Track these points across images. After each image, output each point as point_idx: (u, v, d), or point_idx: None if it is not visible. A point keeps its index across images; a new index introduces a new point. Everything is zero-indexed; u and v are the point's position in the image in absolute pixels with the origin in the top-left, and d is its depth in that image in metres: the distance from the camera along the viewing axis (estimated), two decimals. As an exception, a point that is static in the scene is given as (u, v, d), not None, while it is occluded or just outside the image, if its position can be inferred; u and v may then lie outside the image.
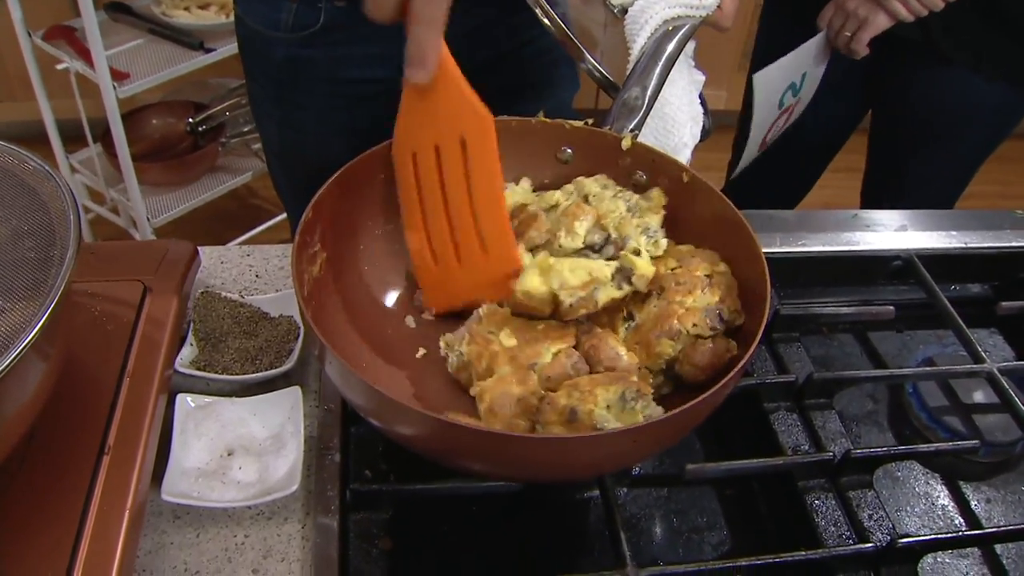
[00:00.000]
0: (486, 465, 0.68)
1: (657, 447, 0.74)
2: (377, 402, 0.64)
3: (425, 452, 0.69)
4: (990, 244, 1.14)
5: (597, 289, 0.76)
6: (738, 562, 0.74)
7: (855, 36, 1.38)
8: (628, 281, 0.77)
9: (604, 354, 0.74)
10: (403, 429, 0.66)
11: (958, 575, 0.82)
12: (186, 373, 0.83)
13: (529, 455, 0.63)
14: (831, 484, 0.82)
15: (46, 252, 0.65)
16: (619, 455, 0.67)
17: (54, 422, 0.69)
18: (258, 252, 1.01)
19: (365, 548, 0.73)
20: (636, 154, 0.87)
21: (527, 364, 0.73)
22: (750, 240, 0.77)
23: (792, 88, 1.48)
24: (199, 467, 0.76)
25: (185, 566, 0.72)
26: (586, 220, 0.81)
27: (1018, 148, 1.64)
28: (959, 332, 0.98)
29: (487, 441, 0.63)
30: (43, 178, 0.69)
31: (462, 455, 0.66)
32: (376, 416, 0.67)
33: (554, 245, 0.80)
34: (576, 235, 0.80)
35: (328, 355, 0.64)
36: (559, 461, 0.64)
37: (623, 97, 0.89)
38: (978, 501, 0.89)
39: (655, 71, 0.90)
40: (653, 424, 0.64)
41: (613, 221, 0.82)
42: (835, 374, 0.91)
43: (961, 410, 0.95)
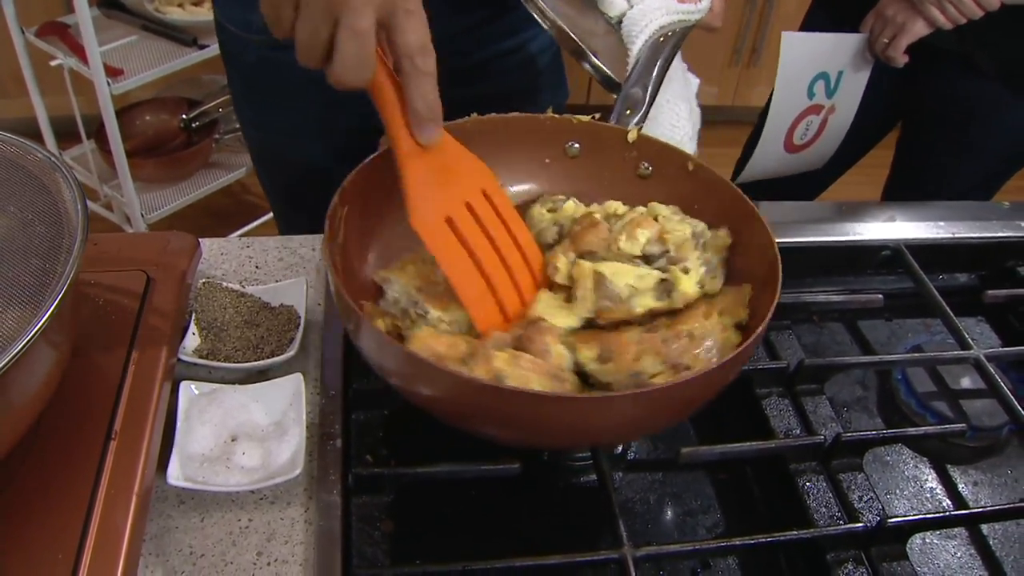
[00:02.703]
0: (487, 421, 0.69)
1: (668, 416, 0.73)
2: (416, 367, 0.66)
3: (447, 411, 0.70)
4: (977, 234, 1.16)
5: (634, 296, 0.77)
6: (732, 542, 0.76)
7: (892, 43, 1.38)
8: (668, 295, 0.78)
9: (537, 346, 0.73)
10: (430, 389, 0.68)
11: (946, 556, 0.84)
12: (189, 361, 0.84)
13: (538, 414, 0.64)
14: (822, 467, 0.84)
15: (54, 242, 0.66)
16: (627, 422, 0.68)
17: (62, 409, 0.71)
18: (257, 244, 1.03)
19: (367, 530, 0.74)
20: (641, 146, 0.90)
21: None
22: (762, 229, 0.78)
23: (825, 79, 1.45)
24: (203, 453, 0.77)
25: (190, 549, 0.74)
26: (649, 230, 0.82)
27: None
28: (946, 320, 1.00)
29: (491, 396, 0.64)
30: (49, 169, 0.71)
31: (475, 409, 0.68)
32: (411, 380, 0.69)
33: (612, 248, 0.81)
34: (636, 242, 0.81)
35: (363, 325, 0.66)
36: (567, 422, 0.65)
37: (625, 94, 0.92)
38: (965, 484, 0.91)
39: (654, 69, 0.93)
40: (673, 386, 0.65)
41: (675, 240, 0.82)
42: (826, 360, 0.93)
43: (948, 395, 0.97)
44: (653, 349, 0.74)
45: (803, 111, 1.49)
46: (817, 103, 1.49)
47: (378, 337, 0.67)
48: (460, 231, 0.74)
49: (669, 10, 0.94)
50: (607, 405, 0.65)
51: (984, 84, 1.46)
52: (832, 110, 1.49)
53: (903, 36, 1.37)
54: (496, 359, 0.69)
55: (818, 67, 1.44)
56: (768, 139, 1.47)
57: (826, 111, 1.50)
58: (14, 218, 0.68)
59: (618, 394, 0.69)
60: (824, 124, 1.51)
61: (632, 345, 0.74)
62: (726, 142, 2.56)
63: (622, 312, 0.77)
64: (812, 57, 1.43)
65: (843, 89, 1.47)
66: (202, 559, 0.73)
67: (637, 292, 0.77)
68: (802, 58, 1.42)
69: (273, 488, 0.78)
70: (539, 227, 0.86)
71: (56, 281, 0.62)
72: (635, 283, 0.77)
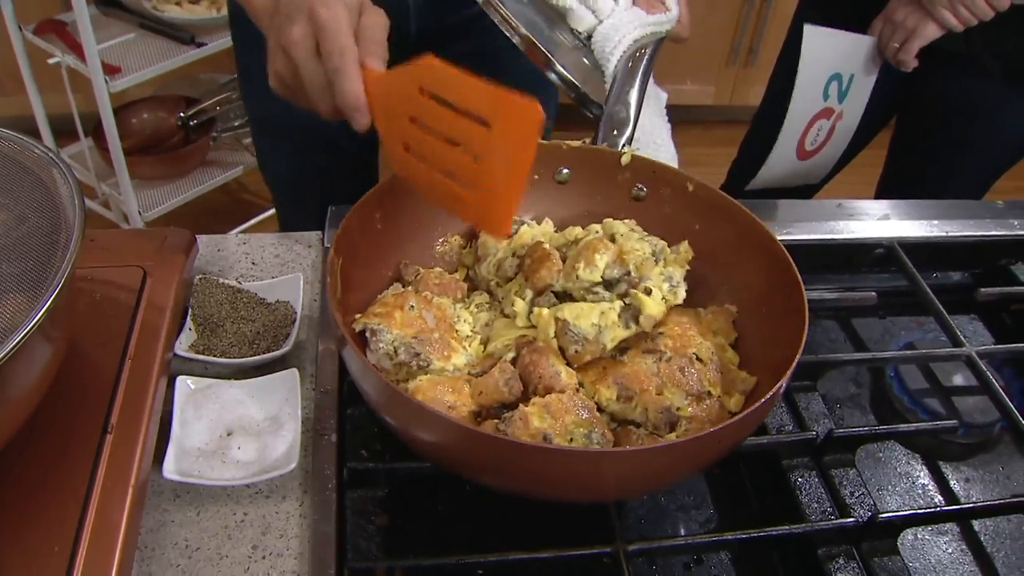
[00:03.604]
0: (508, 477, 0.69)
1: (704, 460, 0.71)
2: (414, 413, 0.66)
3: (450, 461, 0.70)
4: (971, 233, 1.17)
5: (602, 332, 0.77)
6: (724, 536, 0.76)
7: (903, 47, 1.37)
8: (635, 321, 0.79)
9: (544, 371, 0.74)
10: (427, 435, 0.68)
11: (938, 551, 0.84)
12: (185, 356, 0.84)
13: (560, 467, 0.63)
14: (814, 463, 0.84)
15: (51, 237, 0.67)
16: (650, 474, 0.68)
17: (58, 403, 0.71)
18: (254, 240, 1.03)
19: (362, 524, 0.75)
20: (635, 168, 0.90)
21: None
22: (783, 260, 0.78)
23: (838, 81, 1.44)
24: (199, 447, 0.78)
25: (186, 543, 0.74)
26: (607, 254, 0.81)
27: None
28: (939, 317, 1.01)
29: (510, 451, 0.63)
30: (46, 164, 0.71)
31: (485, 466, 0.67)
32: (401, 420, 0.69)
33: (572, 276, 0.81)
34: (595, 268, 0.80)
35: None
36: (589, 475, 0.65)
37: (608, 114, 0.92)
38: (957, 480, 0.92)
39: (635, 86, 0.94)
40: (690, 441, 0.65)
41: (635, 260, 0.82)
42: (818, 357, 0.94)
43: (941, 392, 0.97)
44: (672, 380, 0.75)
45: (817, 114, 1.48)
46: (829, 106, 1.47)
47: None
48: (416, 151, 0.73)
49: (640, 23, 0.94)
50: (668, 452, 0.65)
51: (987, 83, 1.45)
52: (840, 116, 1.48)
53: (915, 40, 1.36)
54: (533, 418, 0.69)
55: (835, 66, 1.43)
56: (783, 141, 1.46)
57: (835, 117, 1.48)
58: (11, 213, 0.69)
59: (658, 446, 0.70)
60: (832, 130, 1.51)
61: (651, 379, 0.75)
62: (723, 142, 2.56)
63: (595, 351, 0.77)
64: (831, 54, 1.42)
65: (852, 94, 1.46)
66: (197, 552, 0.74)
67: (604, 328, 0.77)
68: (822, 53, 1.41)
69: (268, 482, 0.78)
70: (497, 257, 0.87)
71: (53, 275, 0.63)
72: (599, 320, 0.77)
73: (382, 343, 0.76)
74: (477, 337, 0.82)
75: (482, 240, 0.88)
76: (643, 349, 0.79)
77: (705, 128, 3.30)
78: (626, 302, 0.80)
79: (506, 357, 0.78)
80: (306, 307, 0.93)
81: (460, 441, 0.64)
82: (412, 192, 0.86)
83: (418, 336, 0.77)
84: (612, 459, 0.64)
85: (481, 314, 0.85)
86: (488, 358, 0.79)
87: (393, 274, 0.87)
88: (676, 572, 0.80)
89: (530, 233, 0.88)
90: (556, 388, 0.74)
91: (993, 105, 1.48)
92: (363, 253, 0.81)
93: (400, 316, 0.78)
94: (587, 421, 0.71)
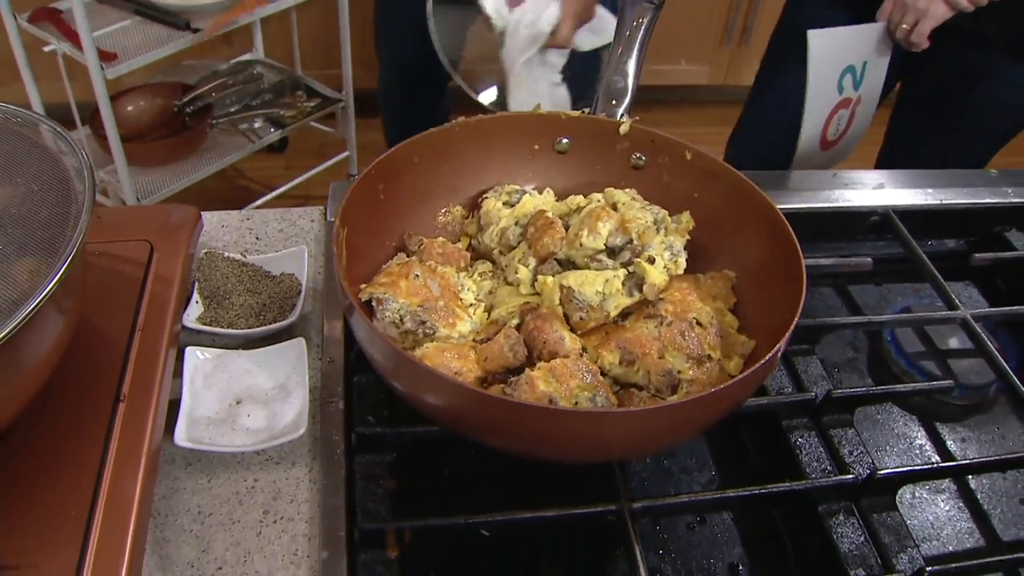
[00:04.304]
0: (515, 439, 0.70)
1: (705, 420, 0.72)
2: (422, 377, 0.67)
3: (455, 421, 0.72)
4: (965, 200, 1.18)
5: (606, 300, 0.79)
6: (726, 493, 0.78)
7: (915, 28, 1.37)
8: (639, 288, 0.80)
9: (548, 336, 0.76)
10: (434, 399, 0.69)
11: (935, 509, 0.86)
12: (194, 328, 0.86)
13: (565, 429, 0.65)
14: (813, 423, 0.86)
15: (62, 208, 0.67)
16: (653, 434, 0.69)
17: (71, 373, 0.72)
18: (257, 216, 1.04)
19: (371, 488, 0.76)
20: (634, 137, 0.92)
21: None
22: (779, 222, 0.80)
23: (851, 72, 1.44)
24: (209, 416, 0.79)
25: (199, 509, 0.76)
26: (610, 222, 0.83)
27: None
28: (935, 282, 1.02)
29: (520, 414, 0.65)
30: (56, 140, 0.72)
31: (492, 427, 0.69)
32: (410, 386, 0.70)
33: (575, 244, 0.83)
34: (599, 235, 0.82)
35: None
36: (593, 436, 0.66)
37: (606, 84, 0.94)
38: (953, 441, 0.94)
39: (632, 56, 0.96)
40: (693, 400, 0.66)
41: (637, 228, 0.84)
42: (816, 321, 0.95)
43: (937, 355, 0.99)
44: (673, 344, 0.76)
45: (835, 107, 1.48)
46: (846, 97, 1.47)
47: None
48: None
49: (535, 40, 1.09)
50: (669, 413, 0.66)
51: (990, 55, 1.46)
52: (858, 101, 1.49)
53: (926, 21, 1.35)
54: (539, 382, 0.71)
55: (845, 61, 1.43)
56: (805, 141, 1.47)
57: (854, 103, 1.49)
58: (22, 186, 0.70)
59: (659, 406, 0.71)
60: (852, 116, 1.51)
61: (653, 343, 0.76)
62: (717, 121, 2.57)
63: (599, 318, 0.79)
64: (838, 52, 1.42)
65: (867, 79, 1.46)
66: (210, 518, 0.75)
67: (608, 296, 0.79)
68: (830, 55, 1.41)
69: (278, 449, 0.80)
70: (500, 225, 0.88)
71: (65, 244, 0.64)
72: (603, 288, 0.79)
73: (388, 312, 0.77)
74: (481, 305, 0.84)
75: (485, 210, 0.89)
76: (644, 314, 0.80)
77: (700, 108, 3.31)
78: (630, 270, 0.81)
79: (510, 323, 0.79)
80: (311, 279, 0.94)
81: (468, 404, 0.65)
82: (414, 165, 0.87)
83: (423, 304, 0.78)
84: (616, 419, 0.65)
85: (484, 282, 0.86)
86: (492, 325, 0.81)
87: (397, 245, 0.88)
88: (680, 532, 0.81)
89: (532, 202, 0.89)
90: (560, 353, 0.75)
91: (996, 77, 1.48)
92: (367, 224, 0.83)
93: (405, 285, 0.79)
94: (591, 385, 0.73)
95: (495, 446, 0.71)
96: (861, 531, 0.77)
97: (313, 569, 0.72)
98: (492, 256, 0.89)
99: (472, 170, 0.93)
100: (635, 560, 0.71)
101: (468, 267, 0.88)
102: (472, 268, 0.88)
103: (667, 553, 0.79)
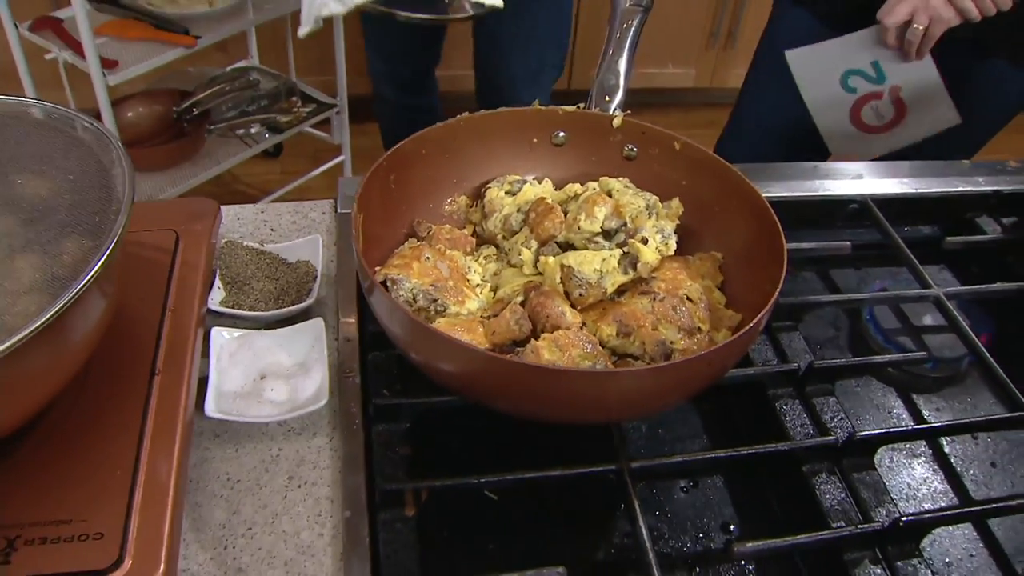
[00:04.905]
0: (524, 401, 0.75)
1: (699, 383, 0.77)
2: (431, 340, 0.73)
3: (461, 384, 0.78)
4: (939, 189, 1.25)
5: (603, 277, 0.85)
6: (716, 453, 0.84)
7: (927, 32, 1.38)
8: (633, 267, 0.87)
9: (551, 311, 0.82)
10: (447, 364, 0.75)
11: (911, 471, 0.92)
12: (218, 311, 0.91)
13: (565, 388, 0.70)
14: (797, 392, 0.92)
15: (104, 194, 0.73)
16: (648, 394, 0.75)
17: (111, 348, 0.78)
18: (271, 209, 1.10)
19: (388, 454, 0.82)
20: (626, 130, 0.98)
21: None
22: (761, 206, 0.86)
23: (858, 74, 1.47)
24: (235, 391, 0.85)
25: (227, 476, 0.81)
26: (605, 207, 0.90)
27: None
28: (911, 266, 1.09)
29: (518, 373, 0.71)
30: (94, 135, 0.78)
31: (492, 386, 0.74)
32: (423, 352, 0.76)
33: (574, 227, 0.89)
34: (595, 219, 0.89)
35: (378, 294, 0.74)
36: (592, 395, 0.72)
37: (599, 82, 1.01)
38: (928, 411, 1.00)
39: (623, 55, 1.02)
40: (691, 360, 0.72)
41: (630, 212, 0.91)
42: (799, 299, 1.02)
43: (912, 332, 1.06)
44: (666, 317, 0.83)
45: (855, 102, 1.51)
46: (868, 92, 1.50)
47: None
48: None
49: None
50: (651, 376, 0.72)
51: (987, 62, 1.50)
52: (898, 88, 1.49)
53: (937, 24, 1.37)
54: (544, 351, 0.77)
55: (839, 69, 1.47)
56: (824, 129, 1.51)
57: (889, 92, 1.49)
58: (66, 178, 0.75)
59: (656, 366, 0.77)
60: (900, 102, 1.50)
61: (647, 316, 0.83)
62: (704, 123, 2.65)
63: (597, 294, 0.85)
64: (826, 64, 1.46)
65: (893, 70, 1.47)
66: (239, 484, 0.81)
67: (605, 273, 0.86)
68: (816, 68, 1.46)
69: (300, 420, 0.85)
70: (503, 212, 0.94)
71: (109, 229, 0.69)
72: (600, 266, 0.86)
73: (402, 291, 0.83)
74: (487, 285, 0.90)
75: (489, 198, 0.95)
76: (639, 291, 0.86)
77: (687, 110, 3.39)
78: (624, 251, 0.88)
79: (515, 300, 0.85)
80: (324, 267, 1.00)
81: (482, 367, 0.71)
82: (422, 157, 0.93)
83: (434, 284, 0.84)
84: (616, 379, 0.71)
85: (489, 264, 0.92)
86: (498, 303, 0.87)
87: (408, 231, 0.94)
88: (675, 495, 0.87)
89: (533, 191, 0.95)
90: (562, 326, 0.82)
91: (990, 78, 1.52)
92: (381, 212, 0.89)
93: (417, 266, 0.85)
94: (591, 354, 0.79)
95: (504, 409, 0.77)
96: (842, 489, 0.84)
97: (336, 528, 0.78)
98: (496, 241, 0.95)
99: (475, 162, 0.99)
100: (634, 514, 0.77)
101: (474, 251, 0.94)
102: (478, 252, 0.94)
103: (663, 514, 0.86)
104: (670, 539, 0.83)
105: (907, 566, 0.78)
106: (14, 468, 0.70)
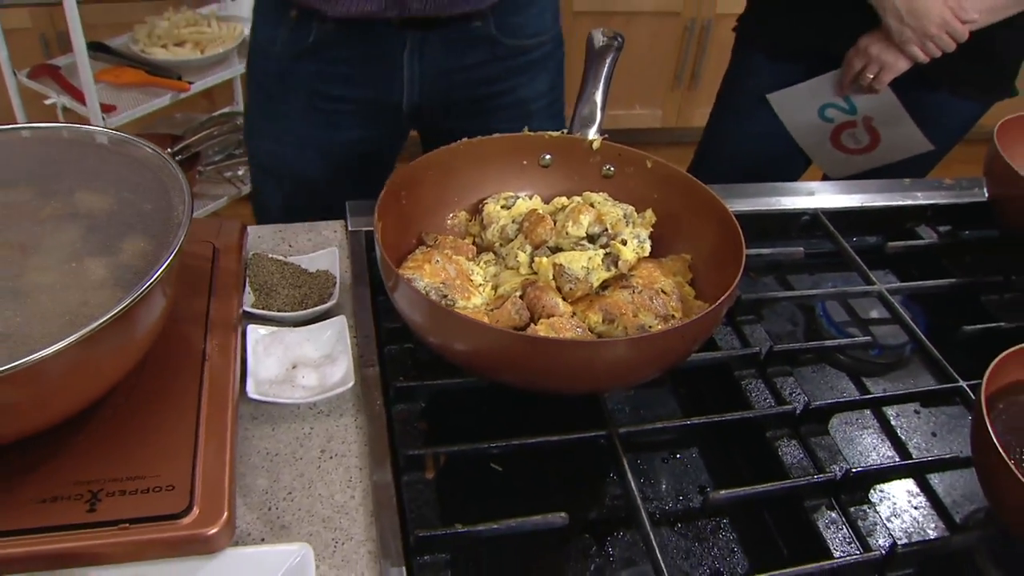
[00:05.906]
0: (528, 371, 0.88)
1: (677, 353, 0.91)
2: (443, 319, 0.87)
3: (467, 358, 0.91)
4: (882, 203, 1.41)
5: (590, 273, 0.99)
6: (692, 420, 0.97)
7: (877, 77, 1.55)
8: (615, 264, 1.01)
9: (546, 302, 0.96)
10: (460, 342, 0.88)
11: (863, 439, 1.06)
12: (251, 312, 1.03)
13: (560, 358, 0.84)
14: (759, 373, 1.06)
15: (167, 207, 0.86)
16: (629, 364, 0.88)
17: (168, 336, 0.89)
18: (288, 229, 1.23)
19: (407, 429, 0.94)
20: (604, 152, 1.13)
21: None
22: (723, 211, 1.01)
23: (833, 106, 1.66)
24: (271, 378, 0.97)
25: (267, 451, 0.93)
26: (589, 215, 1.04)
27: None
28: (858, 269, 1.24)
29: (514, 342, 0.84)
30: (156, 160, 0.90)
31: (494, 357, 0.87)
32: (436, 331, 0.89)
33: (562, 233, 1.04)
34: (580, 225, 1.03)
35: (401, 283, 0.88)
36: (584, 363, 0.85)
37: (579, 115, 1.16)
38: (876, 391, 1.14)
39: (599, 88, 1.16)
40: (675, 329, 0.87)
41: (611, 220, 1.05)
42: (759, 295, 1.16)
43: (861, 324, 1.20)
44: (644, 306, 0.96)
45: (833, 130, 1.70)
46: (844, 121, 1.69)
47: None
48: None
49: None
50: (635, 345, 0.86)
51: (934, 94, 1.64)
52: (870, 118, 1.67)
53: (887, 72, 1.55)
54: (542, 332, 0.91)
55: (813, 105, 1.67)
56: (807, 147, 1.71)
57: (862, 121, 1.68)
58: (134, 195, 0.88)
59: (642, 335, 0.91)
60: (873, 130, 1.69)
61: (628, 305, 0.96)
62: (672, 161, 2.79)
63: (584, 288, 0.99)
64: (802, 102, 1.66)
65: (861, 101, 1.65)
66: (277, 457, 0.92)
67: (591, 270, 0.99)
68: (794, 105, 1.66)
69: (328, 404, 0.97)
70: (500, 223, 1.08)
71: (172, 237, 0.81)
72: (587, 264, 0.99)
73: (417, 288, 0.96)
74: (488, 284, 1.03)
75: (487, 212, 1.09)
76: (620, 285, 1.00)
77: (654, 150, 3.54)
78: (607, 251, 1.01)
79: (515, 295, 0.98)
80: (342, 275, 1.13)
81: (492, 342, 0.84)
82: (427, 177, 1.07)
83: (444, 282, 0.97)
84: (603, 348, 0.85)
85: (489, 268, 1.05)
86: (499, 298, 1.00)
87: (416, 240, 1.07)
88: (656, 465, 1.00)
89: (525, 205, 1.09)
90: (556, 314, 0.95)
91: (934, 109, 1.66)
92: (395, 222, 1.01)
93: (429, 268, 0.98)
94: (582, 336, 0.92)
95: (510, 381, 0.90)
96: (801, 451, 0.97)
97: (366, 490, 0.89)
98: (494, 249, 1.08)
99: (472, 181, 1.13)
100: (623, 470, 0.90)
101: (475, 258, 1.07)
102: (478, 259, 1.08)
103: (647, 480, 0.98)
104: (654, 500, 0.96)
105: (859, 511, 0.91)
106: (93, 433, 0.81)
